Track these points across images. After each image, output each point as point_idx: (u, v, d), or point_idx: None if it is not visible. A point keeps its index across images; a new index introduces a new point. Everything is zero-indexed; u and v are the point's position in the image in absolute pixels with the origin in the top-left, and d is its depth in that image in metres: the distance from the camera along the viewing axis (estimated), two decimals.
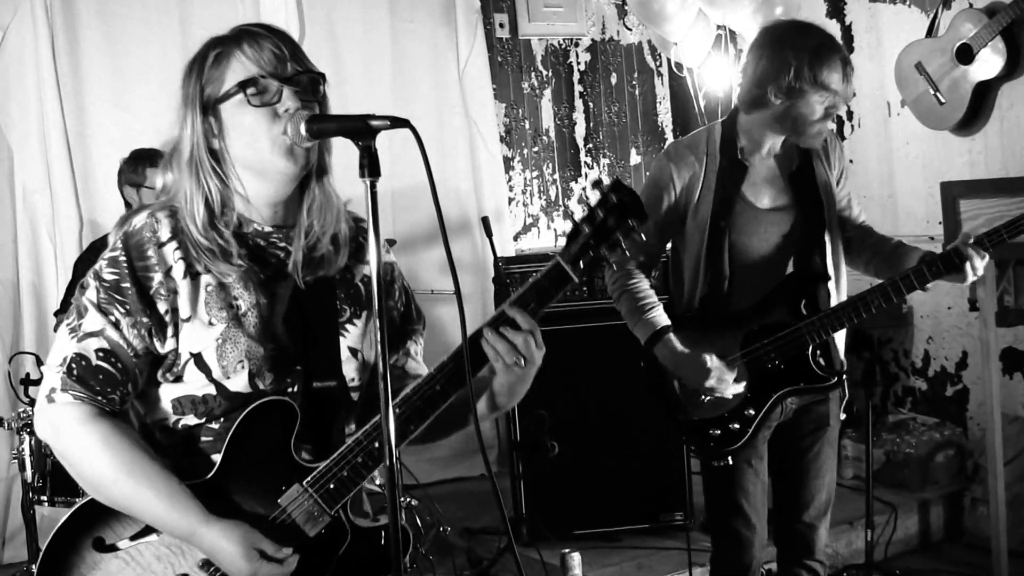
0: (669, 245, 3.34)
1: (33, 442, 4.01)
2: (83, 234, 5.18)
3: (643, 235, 1.98)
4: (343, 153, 2.21)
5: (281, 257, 2.06)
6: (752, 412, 3.10)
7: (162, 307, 1.96)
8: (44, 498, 4.03)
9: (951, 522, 5.19)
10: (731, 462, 3.14)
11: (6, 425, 4.10)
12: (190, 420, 2.01)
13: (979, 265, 2.95)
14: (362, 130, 1.79)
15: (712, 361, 3.03)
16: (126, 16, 5.32)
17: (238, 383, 1.98)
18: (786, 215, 3.14)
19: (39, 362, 4.33)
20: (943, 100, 4.98)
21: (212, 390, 1.98)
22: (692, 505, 4.67)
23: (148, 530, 1.95)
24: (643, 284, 3.20)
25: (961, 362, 5.34)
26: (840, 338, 3.23)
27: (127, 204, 4.44)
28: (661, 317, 3.14)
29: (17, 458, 4.05)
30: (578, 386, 4.60)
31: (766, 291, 3.13)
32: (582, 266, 1.96)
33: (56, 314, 4.57)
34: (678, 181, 3.15)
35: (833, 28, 5.80)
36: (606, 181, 1.98)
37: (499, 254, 5.04)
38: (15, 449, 4.08)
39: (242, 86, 1.94)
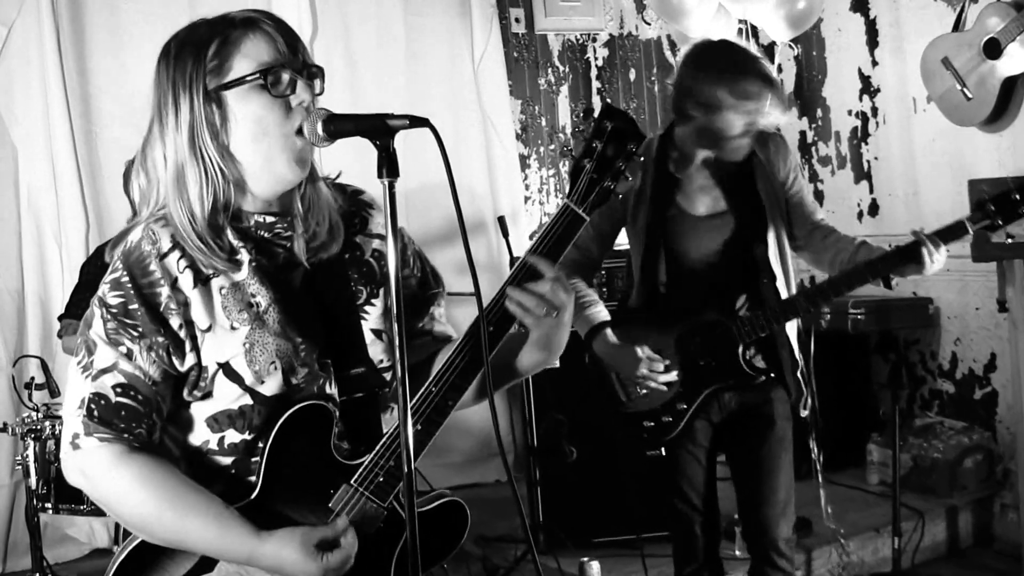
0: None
1: (37, 448, 3.94)
2: (89, 235, 5.11)
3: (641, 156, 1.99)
4: (354, 151, 2.11)
5: (287, 246, 1.96)
6: (684, 406, 3.27)
7: (175, 322, 1.85)
8: (48, 505, 3.98)
9: (980, 528, 5.10)
10: (663, 452, 3.35)
11: (10, 430, 4.04)
12: (234, 437, 1.91)
13: (938, 257, 3.00)
14: (380, 129, 1.73)
15: (643, 352, 3.19)
16: (133, 11, 5.25)
17: (272, 385, 1.89)
18: (723, 221, 3.25)
19: (44, 365, 4.25)
20: (970, 96, 4.89)
21: (247, 400, 1.89)
22: None
23: (203, 566, 1.87)
24: (582, 284, 3.36)
25: (990, 364, 5.22)
26: (792, 337, 3.30)
27: (133, 205, 4.35)
28: (600, 313, 3.32)
29: (21, 464, 3.98)
30: (596, 389, 4.50)
31: (703, 293, 3.24)
32: (590, 203, 1.96)
33: (60, 318, 4.49)
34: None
35: (857, 22, 5.73)
36: (597, 109, 1.94)
37: (515, 254, 4.97)
38: (19, 455, 4.02)
39: (263, 73, 1.83)
